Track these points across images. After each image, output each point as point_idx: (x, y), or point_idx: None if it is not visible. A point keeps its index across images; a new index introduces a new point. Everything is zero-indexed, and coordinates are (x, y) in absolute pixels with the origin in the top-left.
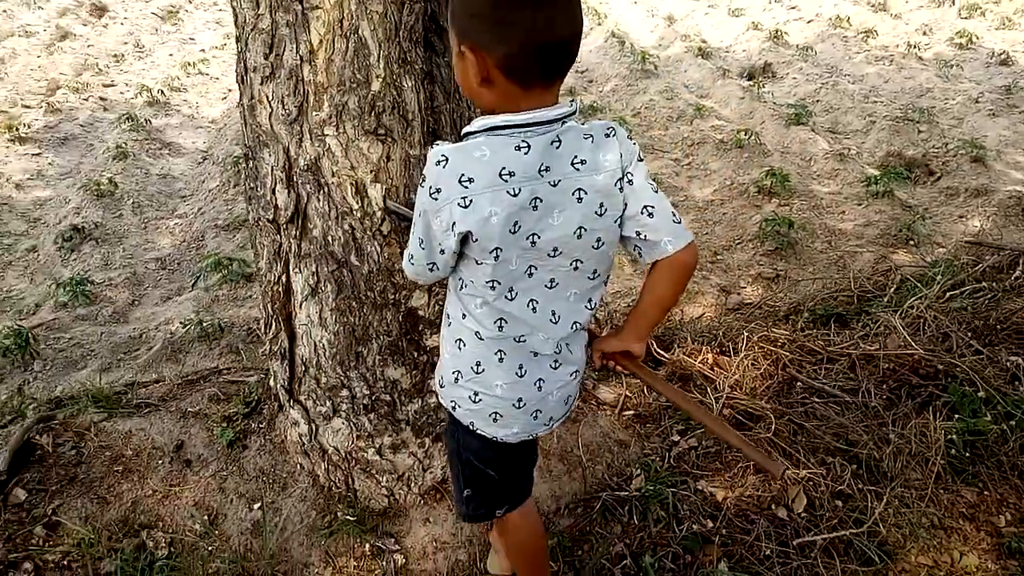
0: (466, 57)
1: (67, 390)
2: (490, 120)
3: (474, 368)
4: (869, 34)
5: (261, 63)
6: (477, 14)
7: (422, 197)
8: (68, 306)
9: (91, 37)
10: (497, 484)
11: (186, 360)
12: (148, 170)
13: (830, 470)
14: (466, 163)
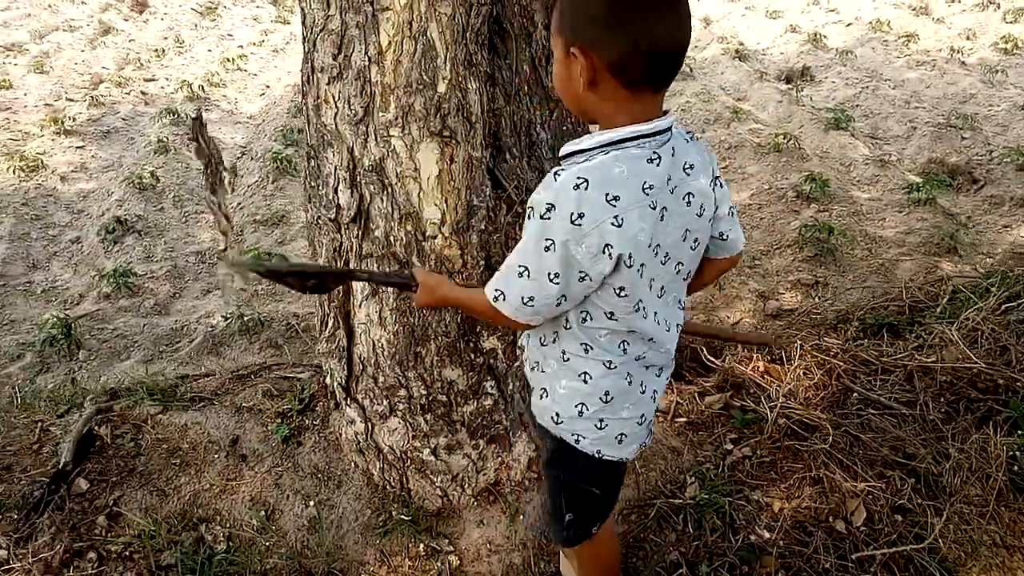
0: (575, 59)
1: (118, 381)
2: (615, 134)
3: (602, 398)
4: (910, 38)
5: (329, 63)
6: (596, 15)
7: (557, 226)
8: (111, 297)
9: (132, 32)
10: (600, 502)
11: (227, 353)
12: (188, 164)
13: (889, 483)
14: (608, 181)
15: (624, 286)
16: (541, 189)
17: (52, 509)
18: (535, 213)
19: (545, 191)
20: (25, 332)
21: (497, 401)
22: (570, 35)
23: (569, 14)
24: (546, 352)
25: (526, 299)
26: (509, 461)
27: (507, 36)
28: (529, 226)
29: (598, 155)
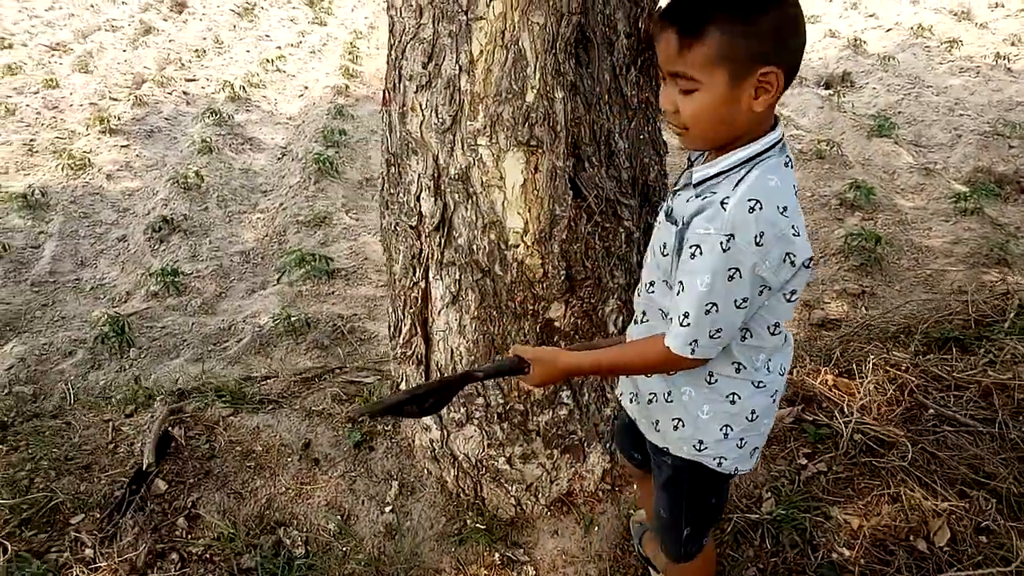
0: (763, 81)
1: (184, 380)
2: (753, 149)
3: (748, 417)
4: (953, 44)
5: (418, 71)
6: (791, 36)
7: (742, 253)
8: (159, 295)
9: (172, 32)
10: (715, 511)
11: (274, 354)
12: (231, 164)
13: (972, 503)
14: (773, 194)
15: (796, 289)
16: (707, 222)
17: (134, 510)
18: (710, 247)
19: (715, 222)
20: (76, 329)
21: (572, 411)
22: (759, 60)
23: (747, 36)
24: (678, 381)
25: (713, 333)
26: (583, 472)
27: (590, 45)
28: (705, 262)
29: (740, 173)
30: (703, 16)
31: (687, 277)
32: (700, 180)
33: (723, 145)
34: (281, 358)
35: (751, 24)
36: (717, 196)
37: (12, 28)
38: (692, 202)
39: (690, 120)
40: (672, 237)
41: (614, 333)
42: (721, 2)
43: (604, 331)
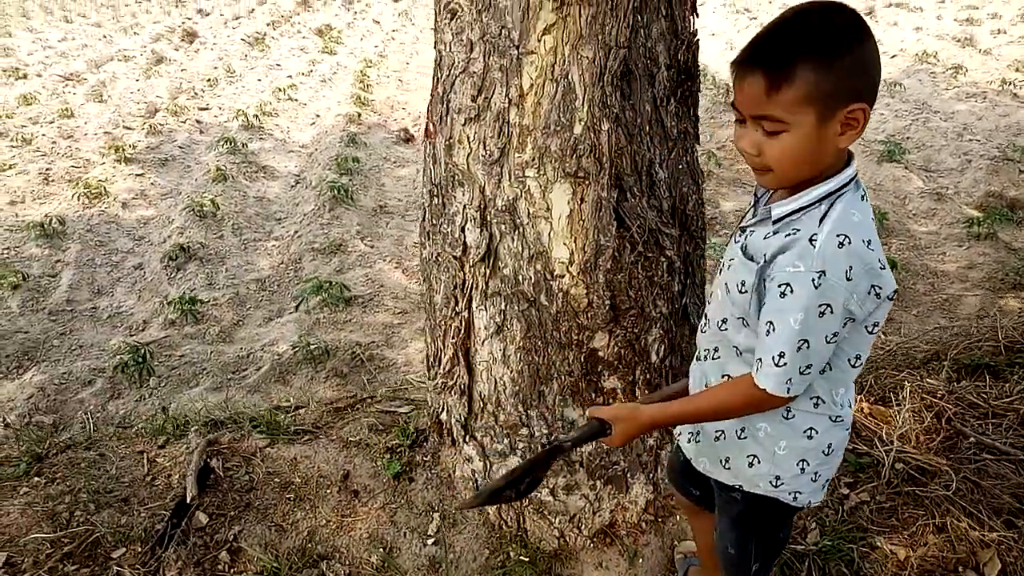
0: (850, 118)
1: (213, 409)
2: (833, 184)
3: (824, 451)
4: (958, 70)
5: (467, 104)
6: (874, 71)
7: (833, 289)
8: (177, 324)
9: (184, 62)
10: (782, 544)
11: (293, 382)
12: (245, 192)
13: (1021, 533)
14: (858, 229)
15: (878, 321)
16: (797, 260)
17: (176, 543)
18: (801, 284)
19: (806, 260)
20: (94, 358)
21: None
22: (853, 98)
23: (835, 76)
24: (753, 418)
25: (804, 369)
26: (625, 503)
27: (632, 77)
28: (797, 299)
29: (822, 207)
30: (792, 57)
31: (778, 316)
32: (780, 216)
33: (801, 181)
34: (301, 386)
35: (838, 62)
36: (802, 233)
37: (26, 59)
38: (772, 239)
39: (775, 162)
40: (752, 275)
41: (655, 363)
42: (809, 42)
43: (647, 360)
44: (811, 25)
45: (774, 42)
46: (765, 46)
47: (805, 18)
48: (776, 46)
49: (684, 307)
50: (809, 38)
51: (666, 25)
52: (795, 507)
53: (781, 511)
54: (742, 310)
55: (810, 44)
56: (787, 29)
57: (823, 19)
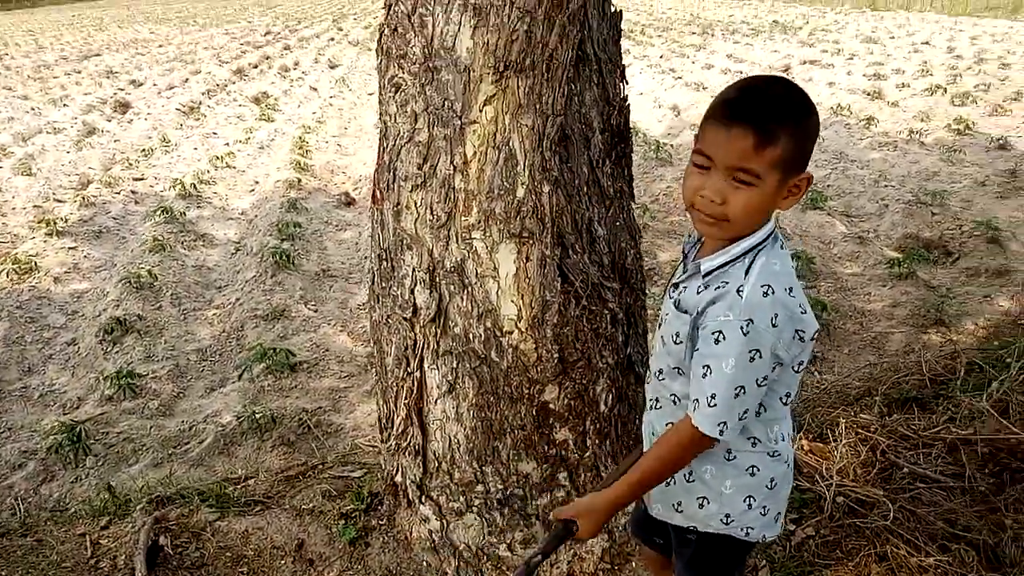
0: (799, 186)
1: (163, 486)
2: (756, 238)
3: (768, 486)
4: (870, 121)
5: (414, 172)
6: (812, 139)
7: (761, 336)
8: (114, 399)
9: (117, 132)
10: None
11: (239, 453)
12: (184, 261)
13: (955, 557)
14: (780, 278)
15: (803, 360)
16: (727, 310)
17: None
18: (731, 331)
19: (734, 309)
20: (25, 440)
21: (570, 492)
22: (799, 165)
23: (801, 145)
24: (698, 461)
25: (741, 415)
26: (582, 553)
27: (569, 142)
28: (729, 346)
29: (745, 260)
30: (778, 121)
31: (713, 361)
32: (709, 270)
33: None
34: (247, 457)
35: (803, 133)
36: (731, 285)
37: None
38: (704, 292)
39: (739, 212)
40: (686, 326)
41: (604, 412)
42: (789, 111)
43: (596, 410)
44: (787, 96)
45: (761, 104)
46: (757, 106)
47: (777, 88)
48: (767, 108)
49: (628, 357)
50: (788, 107)
51: (598, 92)
52: (749, 543)
53: (735, 548)
54: (677, 360)
55: (790, 113)
56: (766, 95)
57: (790, 91)
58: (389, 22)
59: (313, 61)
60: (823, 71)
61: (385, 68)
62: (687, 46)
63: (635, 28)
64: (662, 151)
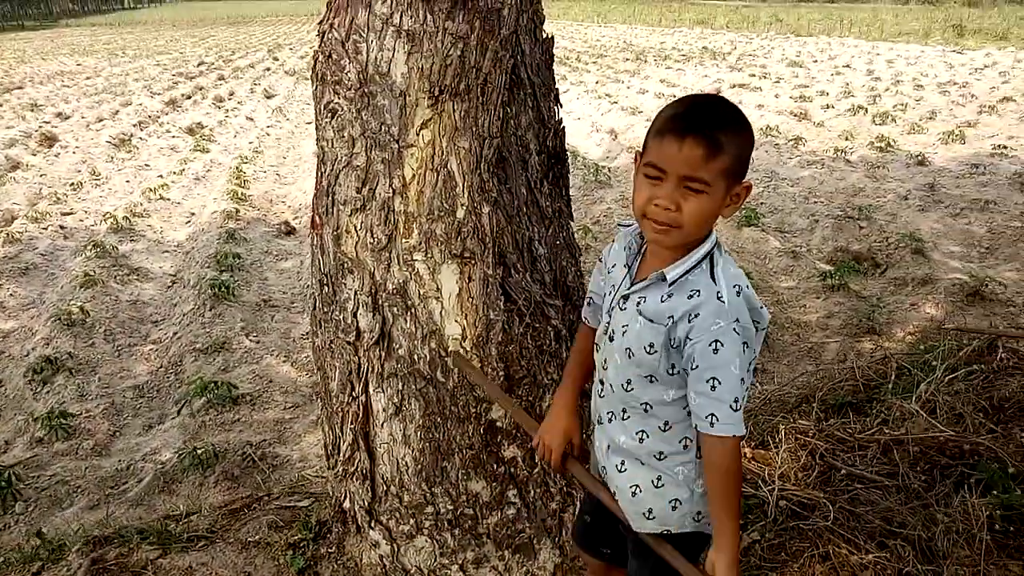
0: (739, 194)
1: (100, 526)
2: (708, 245)
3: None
4: (798, 141)
5: (353, 196)
6: (750, 150)
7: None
8: (45, 441)
9: (43, 167)
10: None
11: (180, 491)
12: (118, 296)
13: (892, 553)
14: (739, 278)
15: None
16: (715, 318)
17: None
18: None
19: (722, 316)
20: None
21: (520, 510)
22: (740, 174)
23: (744, 156)
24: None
25: (738, 400)
26: (534, 569)
27: (507, 164)
28: (730, 350)
29: (704, 266)
30: (725, 132)
31: (720, 371)
32: (674, 279)
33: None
34: (189, 494)
35: (745, 144)
36: (705, 293)
37: None
38: (671, 300)
39: (691, 219)
40: (660, 336)
41: None
42: (733, 123)
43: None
44: (728, 110)
45: (709, 118)
46: (707, 118)
47: (720, 104)
48: (712, 121)
49: None
50: (731, 120)
51: (533, 115)
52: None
53: (702, 543)
54: (650, 369)
55: (733, 125)
56: (713, 110)
57: (729, 107)
58: (323, 49)
59: (249, 91)
60: (752, 94)
61: (321, 94)
62: (621, 72)
63: (571, 55)
64: (601, 174)
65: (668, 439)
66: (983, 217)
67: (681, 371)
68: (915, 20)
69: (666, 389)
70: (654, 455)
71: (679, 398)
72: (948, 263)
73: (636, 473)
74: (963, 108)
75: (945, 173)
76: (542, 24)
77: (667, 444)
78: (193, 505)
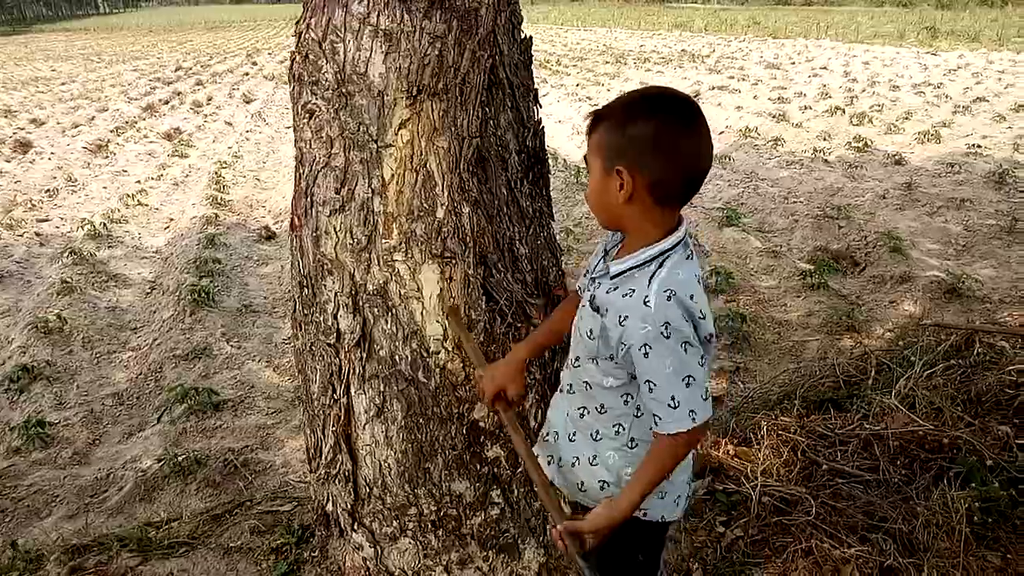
0: (619, 176)
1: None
2: (659, 248)
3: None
4: (777, 142)
5: (331, 197)
6: (639, 138)
7: (682, 331)
8: (22, 451)
9: (18, 173)
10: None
11: (161, 499)
12: (96, 303)
13: (874, 546)
14: (682, 286)
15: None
16: (642, 323)
17: None
18: (655, 339)
19: (648, 320)
20: None
21: (504, 510)
22: (615, 157)
23: (617, 137)
24: (603, 446)
25: (704, 396)
26: (519, 569)
27: (487, 163)
28: (659, 353)
29: (651, 268)
30: (598, 117)
31: (652, 375)
32: (616, 273)
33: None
34: (171, 502)
35: (621, 128)
36: (636, 295)
37: None
38: (612, 294)
39: (588, 196)
40: (597, 324)
41: (535, 427)
42: (610, 110)
43: (526, 426)
44: (630, 98)
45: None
46: (595, 110)
47: (634, 94)
48: (596, 110)
49: (556, 371)
50: (621, 104)
51: (513, 115)
52: (651, 523)
53: (637, 529)
54: (592, 351)
55: (610, 112)
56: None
57: (638, 96)
58: (300, 49)
59: (227, 96)
60: (731, 96)
61: (298, 94)
62: (601, 75)
63: (551, 59)
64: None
65: (603, 421)
66: (959, 215)
67: (618, 364)
68: (890, 23)
69: (604, 375)
70: (590, 433)
71: (616, 387)
72: (926, 261)
73: (580, 447)
74: (938, 108)
75: (922, 172)
76: (520, 25)
77: (602, 426)
78: (174, 512)
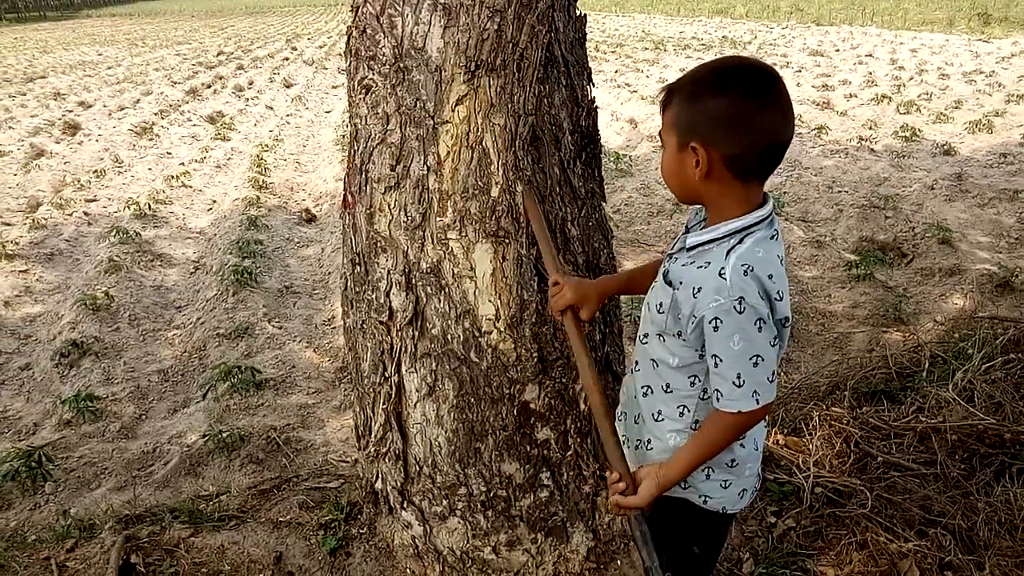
0: (694, 152)
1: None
2: (742, 222)
3: (728, 464)
4: (821, 130)
5: (387, 174)
6: (718, 115)
7: (756, 307)
8: (73, 423)
9: (67, 154)
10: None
11: (206, 473)
12: (141, 282)
13: (932, 542)
14: (761, 264)
15: (783, 346)
16: (715, 295)
17: None
18: (727, 313)
19: (722, 292)
20: None
21: (553, 492)
22: (689, 132)
23: (690, 112)
24: (663, 426)
25: (771, 378)
26: (567, 553)
27: (540, 142)
28: (729, 327)
29: (731, 242)
30: (670, 92)
31: (719, 349)
32: (694, 245)
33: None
34: (215, 477)
35: (695, 103)
36: (712, 267)
37: None
38: (687, 267)
39: (662, 173)
40: (668, 298)
41: (584, 411)
42: (682, 84)
43: (576, 409)
44: (702, 71)
45: (682, 77)
46: (667, 84)
47: (707, 65)
48: (669, 84)
49: (606, 355)
50: (693, 78)
51: (567, 94)
52: (709, 512)
53: (695, 517)
54: (660, 327)
55: (682, 86)
56: (693, 70)
57: (710, 68)
58: (358, 24)
59: (268, 80)
60: None
61: (355, 70)
62: (640, 61)
63: (589, 45)
64: (621, 162)
65: (667, 401)
66: (1012, 207)
67: (686, 341)
68: (939, 9)
69: (671, 354)
70: (652, 414)
71: (683, 367)
72: (976, 253)
73: (650, 426)
74: (990, 97)
75: (972, 163)
76: (576, 1)
77: (664, 405)
78: (221, 486)
